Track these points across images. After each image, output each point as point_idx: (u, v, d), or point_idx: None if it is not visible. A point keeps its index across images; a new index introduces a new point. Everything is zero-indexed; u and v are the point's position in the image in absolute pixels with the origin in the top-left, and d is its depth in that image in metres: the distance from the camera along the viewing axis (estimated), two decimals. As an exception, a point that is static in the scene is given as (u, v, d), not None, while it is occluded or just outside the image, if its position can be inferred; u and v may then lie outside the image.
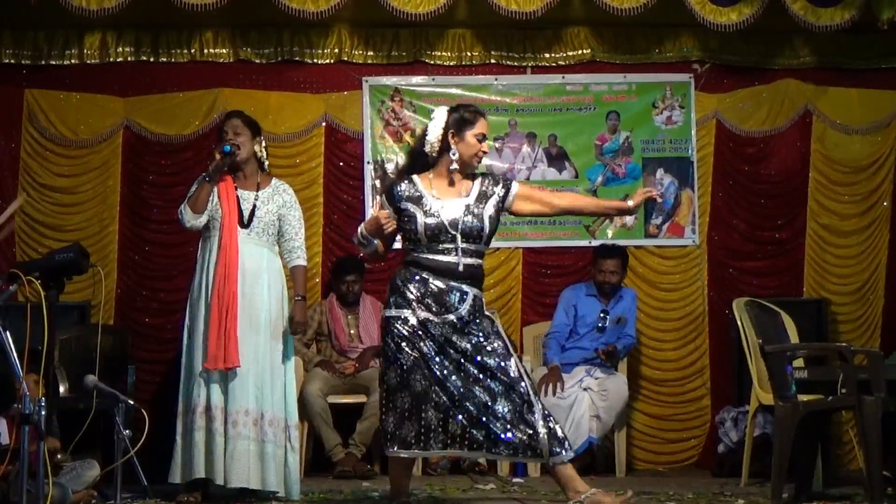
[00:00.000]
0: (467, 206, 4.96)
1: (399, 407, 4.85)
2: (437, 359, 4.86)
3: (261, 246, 5.70)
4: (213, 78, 7.74)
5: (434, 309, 4.89)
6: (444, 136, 5.01)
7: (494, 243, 7.81)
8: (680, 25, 7.74)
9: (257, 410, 5.56)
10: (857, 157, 8.02)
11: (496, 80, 7.92)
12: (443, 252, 4.93)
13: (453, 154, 4.98)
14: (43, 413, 3.96)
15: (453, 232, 4.91)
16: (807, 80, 7.98)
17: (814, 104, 7.97)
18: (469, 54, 7.85)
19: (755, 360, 6.21)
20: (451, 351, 4.88)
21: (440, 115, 5.07)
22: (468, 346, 4.89)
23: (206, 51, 7.73)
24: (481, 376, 4.86)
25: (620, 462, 7.23)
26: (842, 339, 7.59)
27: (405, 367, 4.83)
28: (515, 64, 7.92)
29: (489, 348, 4.90)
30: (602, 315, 7.36)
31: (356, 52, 7.81)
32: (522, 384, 4.85)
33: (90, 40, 7.63)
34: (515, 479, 6.83)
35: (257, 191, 5.76)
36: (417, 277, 4.92)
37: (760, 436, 6.70)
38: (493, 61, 7.88)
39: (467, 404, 4.82)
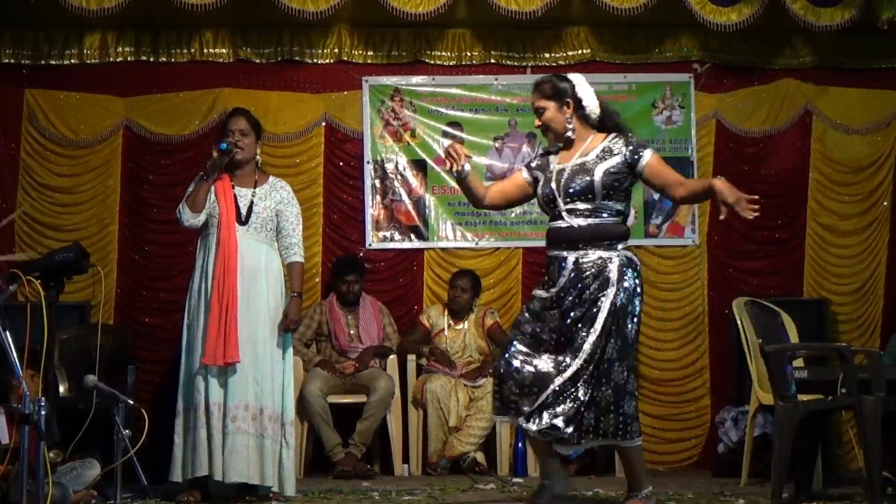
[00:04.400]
0: (580, 165, 4.81)
1: None
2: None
3: (259, 242, 5.70)
4: (212, 78, 7.75)
5: (546, 283, 4.84)
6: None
7: (494, 243, 7.88)
8: (680, 25, 7.74)
9: (256, 406, 5.56)
10: (857, 156, 8.02)
11: (496, 79, 7.93)
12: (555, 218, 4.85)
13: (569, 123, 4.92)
14: (43, 413, 3.95)
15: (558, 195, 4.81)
16: (807, 80, 7.98)
17: (814, 104, 7.97)
18: (469, 54, 7.86)
19: (755, 359, 6.21)
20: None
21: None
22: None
23: (205, 51, 7.73)
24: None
25: (620, 462, 7.21)
26: (841, 339, 7.59)
27: None
28: (515, 64, 7.93)
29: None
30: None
31: (356, 52, 7.81)
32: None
33: (90, 40, 7.64)
34: (515, 479, 6.83)
35: (254, 188, 5.76)
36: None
37: (760, 436, 6.70)
38: (492, 61, 7.88)
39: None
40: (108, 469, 5.21)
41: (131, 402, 5.13)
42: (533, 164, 5.02)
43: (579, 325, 4.68)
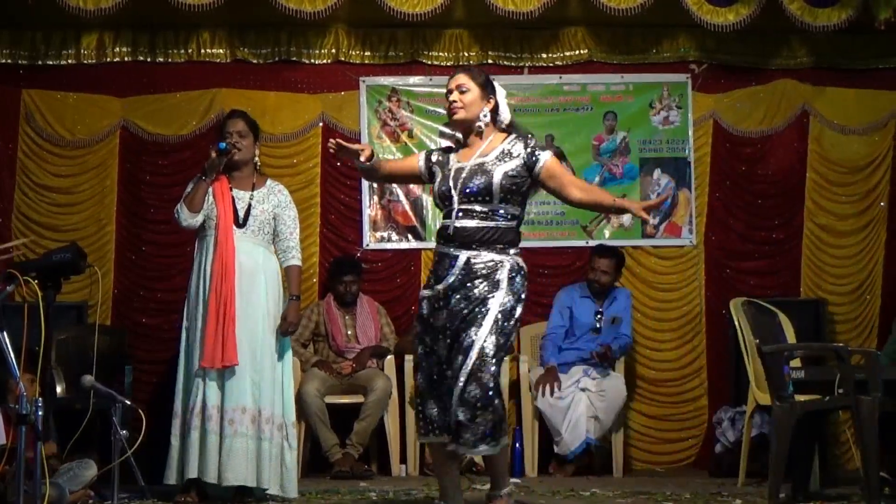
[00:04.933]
0: (479, 165, 4.75)
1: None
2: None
3: (256, 245, 5.70)
4: (210, 78, 7.74)
5: (431, 281, 4.76)
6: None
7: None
8: (677, 26, 7.74)
9: (255, 408, 5.55)
10: (854, 157, 8.02)
11: (494, 80, 7.89)
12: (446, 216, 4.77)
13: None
14: (40, 413, 3.95)
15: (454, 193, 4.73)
16: (804, 81, 7.98)
17: (811, 104, 7.97)
18: (466, 54, 7.85)
19: (752, 360, 6.21)
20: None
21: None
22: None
23: (203, 51, 7.73)
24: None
25: (618, 462, 7.23)
26: (839, 339, 7.60)
27: None
28: (512, 64, 7.93)
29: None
30: (597, 316, 7.37)
31: (353, 53, 7.81)
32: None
33: (87, 40, 7.63)
34: (512, 480, 6.81)
35: (252, 190, 5.76)
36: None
37: (757, 436, 6.71)
38: (490, 61, 7.87)
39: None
40: (105, 469, 5.21)
41: (128, 403, 5.12)
42: (433, 158, 4.91)
43: (466, 324, 4.61)
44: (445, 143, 7.78)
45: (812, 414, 5.56)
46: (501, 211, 4.71)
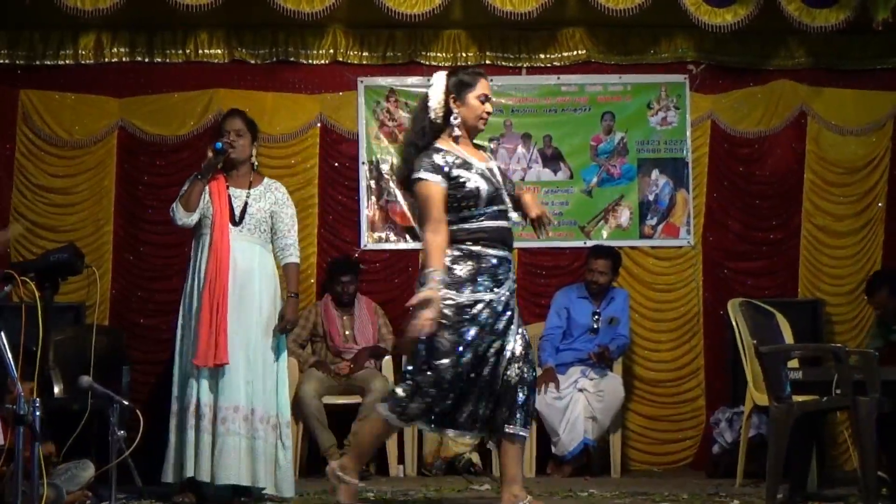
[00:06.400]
0: (499, 168, 4.91)
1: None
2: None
3: (253, 243, 5.69)
4: (208, 78, 7.74)
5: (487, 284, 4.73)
6: (446, 100, 4.84)
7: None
8: (675, 26, 7.74)
9: (248, 407, 5.54)
10: (851, 157, 8.03)
11: (491, 80, 7.81)
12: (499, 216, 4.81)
13: (455, 119, 4.82)
14: (38, 414, 3.95)
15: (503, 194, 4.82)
16: (802, 81, 7.98)
17: (809, 105, 7.97)
18: (464, 55, 7.85)
19: (750, 360, 6.21)
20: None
21: (439, 79, 4.88)
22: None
23: (200, 51, 7.72)
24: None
25: (615, 463, 7.23)
26: (836, 340, 7.60)
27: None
28: (510, 65, 7.93)
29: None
30: (594, 317, 7.37)
31: (351, 53, 7.81)
32: None
33: (85, 41, 7.63)
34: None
35: (249, 189, 5.75)
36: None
37: (755, 436, 6.71)
38: (488, 62, 7.87)
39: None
40: (102, 470, 5.20)
41: (126, 403, 5.10)
42: (445, 167, 4.74)
43: (513, 326, 4.80)
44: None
45: (810, 414, 5.56)
46: None
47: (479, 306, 4.70)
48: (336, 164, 7.84)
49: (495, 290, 4.73)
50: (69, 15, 6.96)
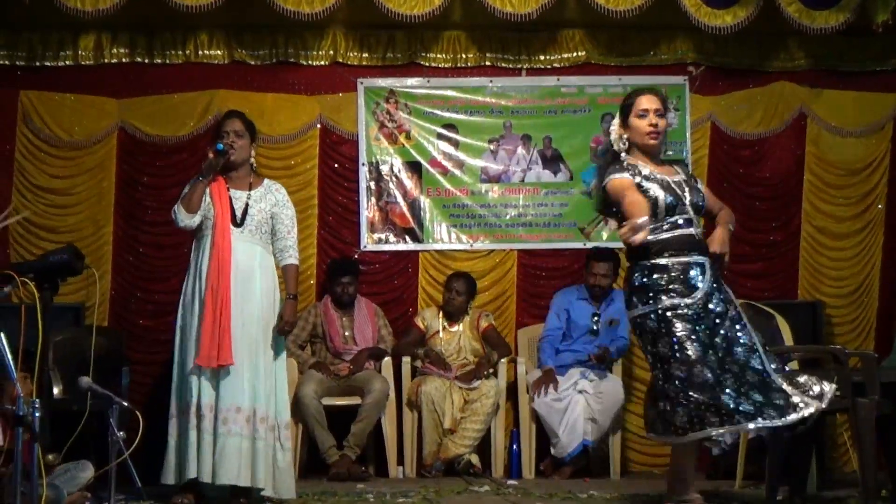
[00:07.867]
0: (685, 180, 5.00)
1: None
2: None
3: (254, 244, 5.69)
4: (207, 79, 7.74)
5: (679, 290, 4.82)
6: (619, 130, 5.03)
7: (489, 245, 7.89)
8: (675, 28, 7.74)
9: (250, 408, 5.54)
10: (851, 159, 8.03)
11: (491, 82, 7.93)
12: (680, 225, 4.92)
13: (623, 144, 4.99)
14: (37, 414, 3.94)
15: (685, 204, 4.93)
16: (801, 83, 7.99)
17: (808, 106, 7.98)
18: (464, 56, 7.86)
19: (750, 362, 6.19)
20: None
21: (614, 119, 5.10)
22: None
23: (200, 52, 7.72)
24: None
25: (615, 464, 7.23)
26: (836, 342, 7.60)
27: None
28: (510, 66, 7.93)
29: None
30: (594, 318, 7.37)
31: (351, 54, 7.81)
32: None
33: (85, 41, 7.63)
34: (510, 481, 6.83)
35: (249, 190, 5.75)
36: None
37: (755, 438, 6.69)
38: (487, 63, 7.88)
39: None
40: (102, 471, 5.20)
41: (125, 404, 5.11)
42: (635, 178, 4.91)
43: (732, 321, 4.87)
44: (444, 144, 7.82)
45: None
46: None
47: (673, 316, 4.79)
48: (336, 166, 7.84)
49: (690, 296, 4.81)
50: (69, 15, 6.95)
